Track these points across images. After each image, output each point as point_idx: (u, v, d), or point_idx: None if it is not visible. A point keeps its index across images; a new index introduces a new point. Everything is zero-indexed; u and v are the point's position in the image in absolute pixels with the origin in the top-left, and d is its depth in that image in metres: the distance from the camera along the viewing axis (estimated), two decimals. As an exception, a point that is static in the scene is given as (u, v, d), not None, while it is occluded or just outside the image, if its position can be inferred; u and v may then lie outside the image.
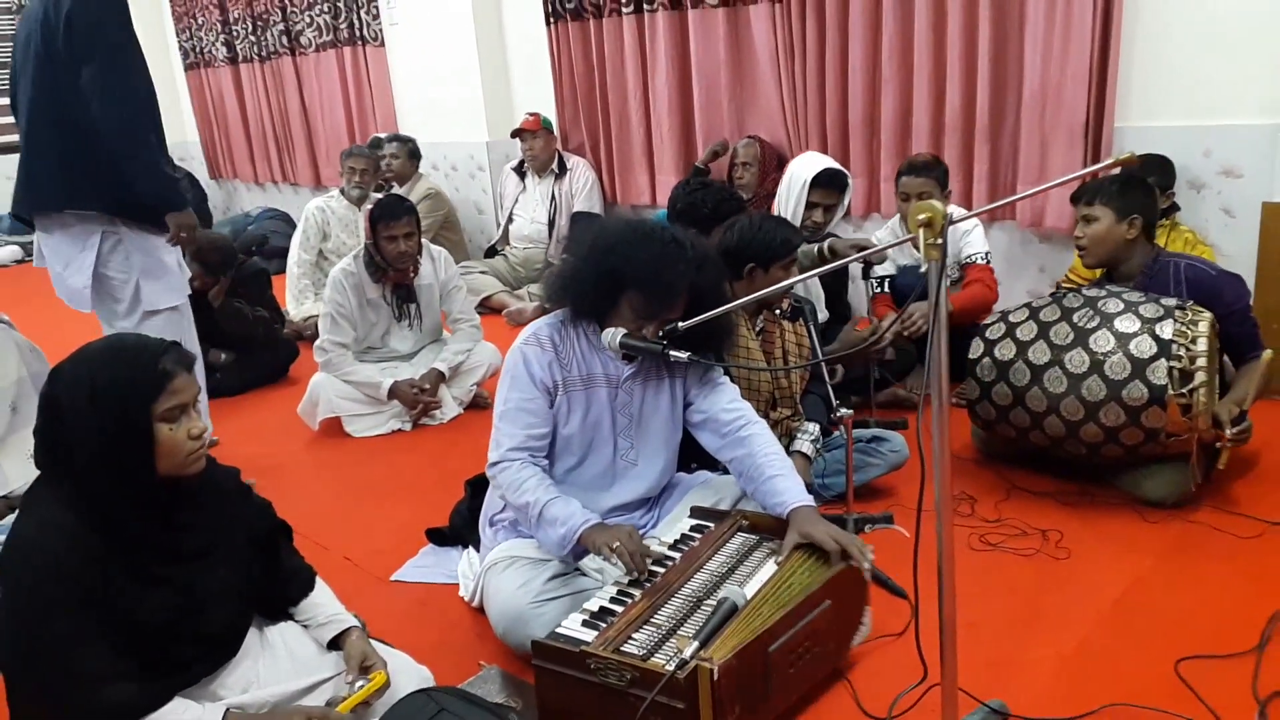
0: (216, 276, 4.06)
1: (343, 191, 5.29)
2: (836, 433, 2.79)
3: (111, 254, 3.00)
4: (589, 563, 2.16)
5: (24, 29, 2.98)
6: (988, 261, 3.56)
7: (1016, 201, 3.94)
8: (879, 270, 3.62)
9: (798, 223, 3.35)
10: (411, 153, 5.82)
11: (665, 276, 2.08)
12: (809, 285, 3.46)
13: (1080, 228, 2.80)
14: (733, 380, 2.39)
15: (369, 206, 3.69)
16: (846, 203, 3.47)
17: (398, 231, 3.55)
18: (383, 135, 6.14)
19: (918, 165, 3.46)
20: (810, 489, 2.51)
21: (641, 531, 2.30)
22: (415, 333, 3.84)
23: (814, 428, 2.75)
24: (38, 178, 2.98)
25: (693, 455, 2.46)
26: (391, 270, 3.63)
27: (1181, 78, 3.50)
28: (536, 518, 2.11)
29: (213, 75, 8.25)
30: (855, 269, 3.81)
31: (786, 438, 2.73)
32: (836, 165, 3.42)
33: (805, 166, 3.38)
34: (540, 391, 2.17)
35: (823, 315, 3.46)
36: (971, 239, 3.56)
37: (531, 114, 5.49)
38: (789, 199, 3.36)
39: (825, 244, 3.27)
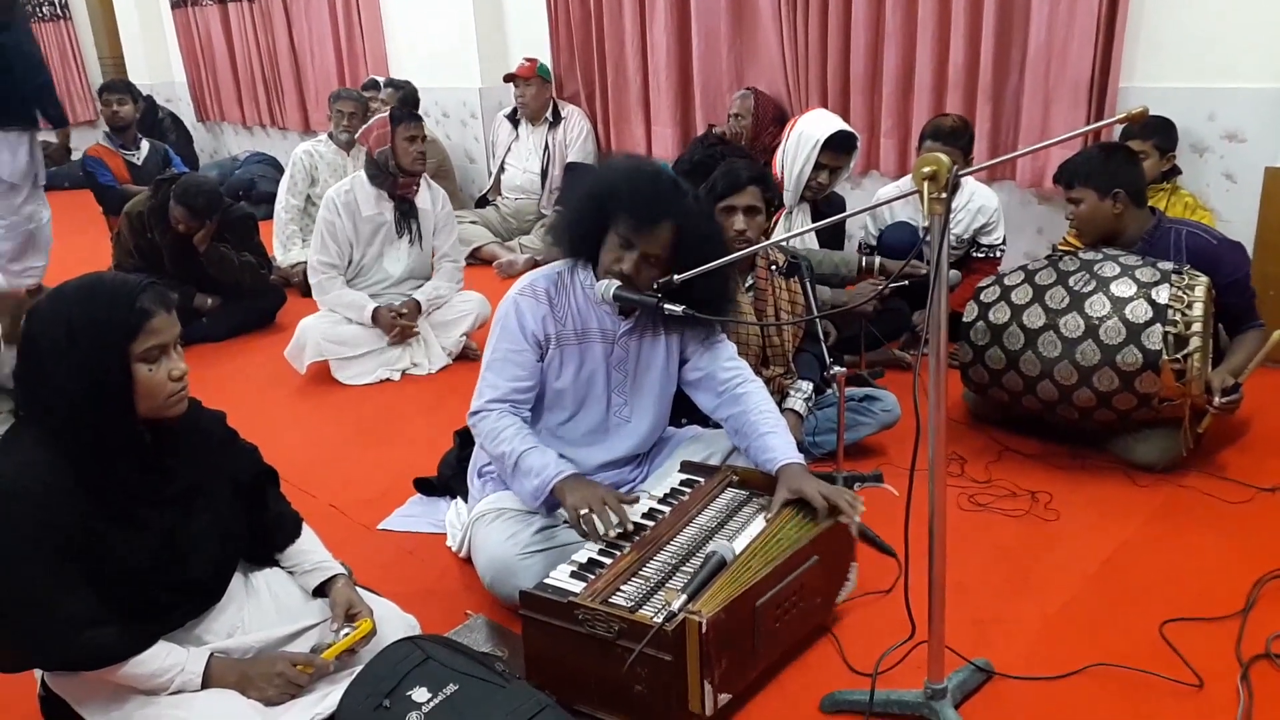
0: (202, 221, 3.99)
1: (331, 136, 5.19)
2: (829, 391, 2.77)
3: None
4: None
5: None
6: (1001, 256, 3.54)
7: (1016, 162, 3.90)
8: (861, 237, 3.60)
9: (804, 182, 3.29)
10: (403, 101, 5.69)
11: (644, 191, 2.03)
12: (806, 244, 3.42)
13: (1069, 209, 2.78)
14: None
15: (378, 116, 3.69)
16: (852, 165, 3.41)
17: (417, 132, 3.60)
18: (380, 79, 6.02)
19: (943, 132, 3.31)
20: (801, 446, 2.50)
21: (630, 486, 2.29)
22: (412, 251, 3.80)
23: (807, 386, 2.73)
24: None
25: (683, 410, 2.44)
26: (402, 176, 3.62)
27: (1188, 39, 3.45)
28: (512, 467, 2.08)
29: (200, 15, 8.06)
30: (854, 230, 3.78)
31: (779, 395, 2.72)
32: (848, 127, 3.34)
33: (817, 127, 3.29)
34: (530, 344, 2.14)
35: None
36: (995, 224, 3.52)
37: (528, 59, 5.38)
38: (797, 158, 3.29)
39: (876, 263, 3.27)
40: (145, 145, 5.28)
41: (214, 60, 8.14)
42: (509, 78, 5.40)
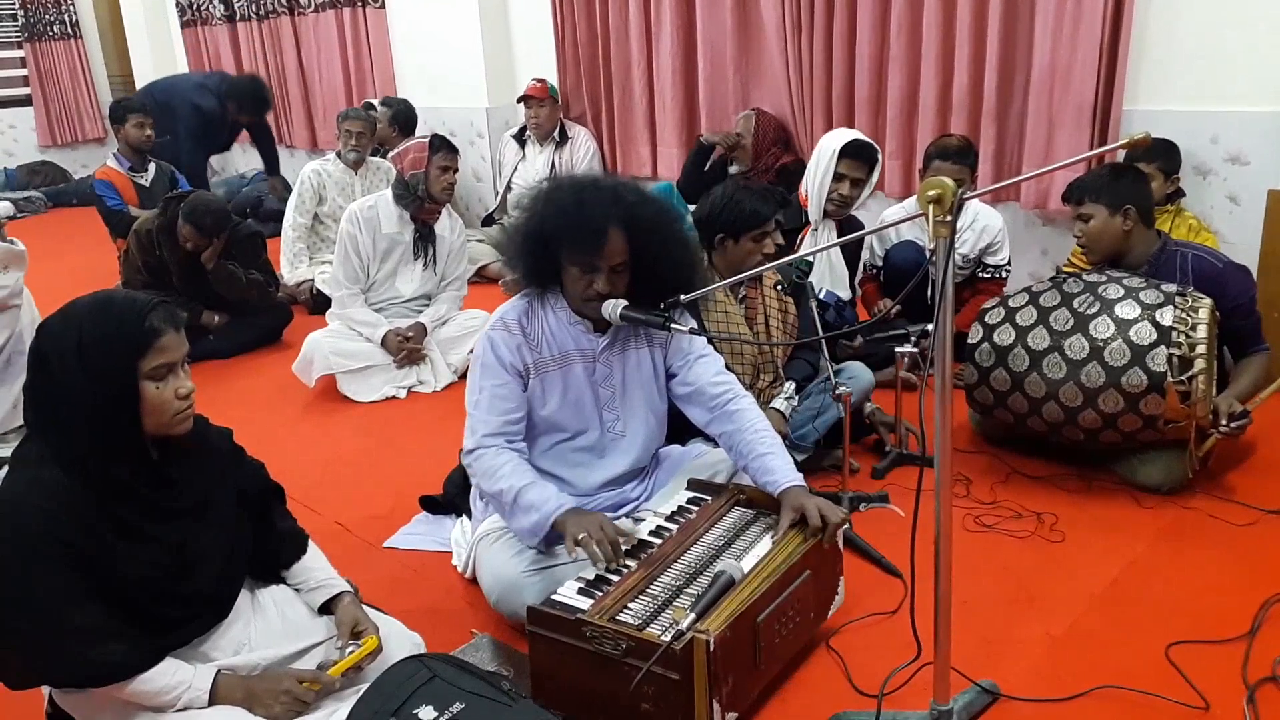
0: (210, 238, 4.01)
1: (339, 155, 5.22)
2: (812, 384, 2.80)
3: None
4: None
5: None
6: (1007, 277, 3.55)
7: (1020, 184, 3.92)
8: (866, 258, 3.62)
9: (825, 194, 3.28)
10: (394, 117, 5.72)
11: (579, 217, 2.01)
12: (833, 264, 3.43)
13: (1077, 227, 2.78)
14: (716, 348, 2.36)
15: (417, 139, 3.75)
16: (875, 179, 3.40)
17: (451, 164, 3.68)
18: (375, 100, 6.06)
19: (950, 151, 3.34)
20: (786, 439, 2.51)
21: (634, 504, 2.29)
22: (426, 274, 3.85)
23: (790, 386, 2.74)
24: None
25: (686, 427, 2.44)
26: (429, 202, 3.68)
27: (1192, 62, 3.47)
28: (511, 504, 2.07)
29: (209, 34, 8.12)
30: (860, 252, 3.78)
31: (766, 404, 2.72)
32: (866, 138, 3.36)
33: (835, 138, 3.31)
34: (512, 375, 2.15)
35: (846, 294, 3.44)
36: (1000, 244, 3.54)
37: (539, 80, 5.41)
38: (818, 170, 3.31)
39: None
40: (153, 167, 5.31)
41: (222, 79, 8.20)
42: (523, 99, 5.44)
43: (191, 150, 6.02)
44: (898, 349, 2.70)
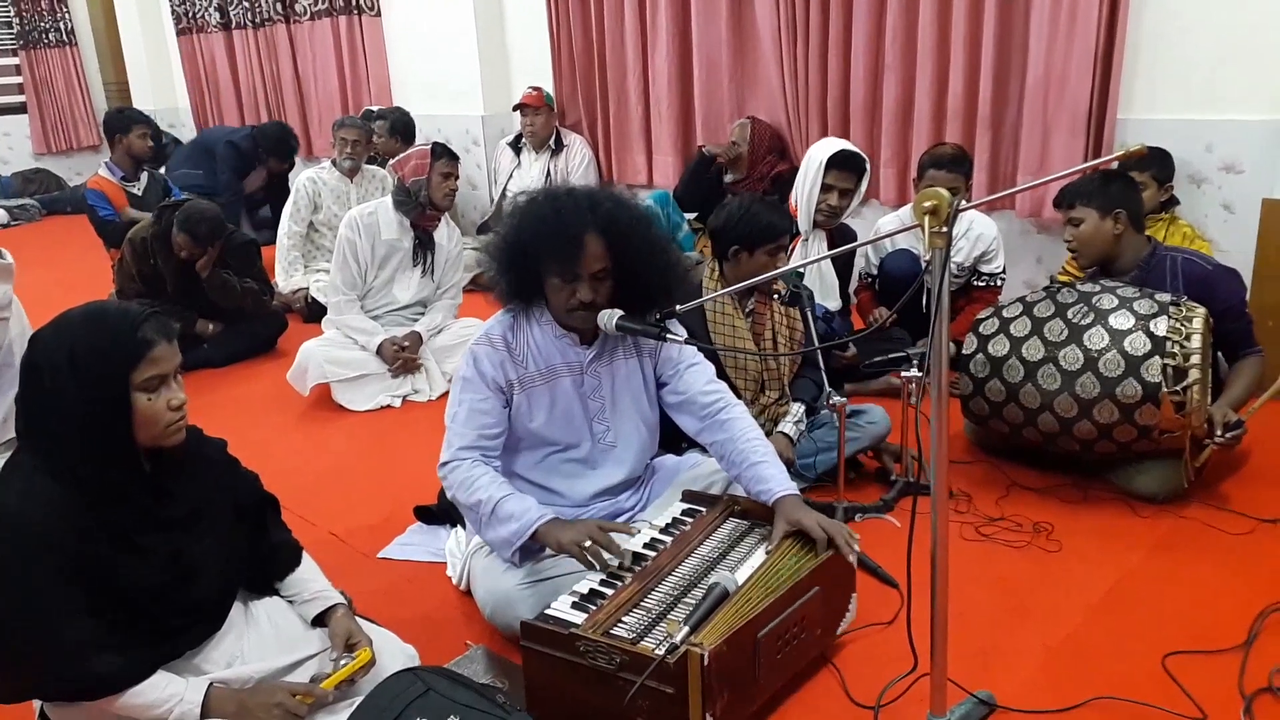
0: (205, 247, 4.00)
1: (334, 163, 5.22)
2: (822, 411, 2.77)
3: None
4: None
5: None
6: (1002, 285, 3.55)
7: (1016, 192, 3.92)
8: (861, 266, 3.62)
9: (813, 205, 3.29)
10: (393, 126, 5.72)
11: (556, 225, 2.00)
12: (823, 274, 3.43)
13: (1068, 231, 2.80)
14: (718, 362, 2.35)
15: (423, 144, 3.76)
16: (863, 189, 3.41)
17: (453, 171, 3.71)
18: (374, 108, 6.06)
19: (944, 160, 3.35)
20: (791, 466, 2.49)
21: (628, 515, 2.28)
22: (423, 281, 3.86)
23: (798, 408, 2.73)
24: None
25: (681, 436, 2.43)
26: (430, 209, 3.70)
27: (1186, 71, 3.48)
28: (489, 515, 2.04)
29: (205, 41, 8.12)
30: (855, 260, 3.79)
31: (772, 423, 2.72)
32: (854, 148, 3.36)
33: (822, 149, 3.32)
34: (493, 391, 2.13)
35: (835, 305, 3.44)
36: (995, 251, 3.55)
37: (534, 88, 5.41)
38: (805, 180, 3.32)
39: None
40: (145, 176, 5.30)
41: (218, 86, 8.19)
42: (519, 107, 5.44)
43: (229, 181, 6.07)
44: (903, 373, 2.67)
